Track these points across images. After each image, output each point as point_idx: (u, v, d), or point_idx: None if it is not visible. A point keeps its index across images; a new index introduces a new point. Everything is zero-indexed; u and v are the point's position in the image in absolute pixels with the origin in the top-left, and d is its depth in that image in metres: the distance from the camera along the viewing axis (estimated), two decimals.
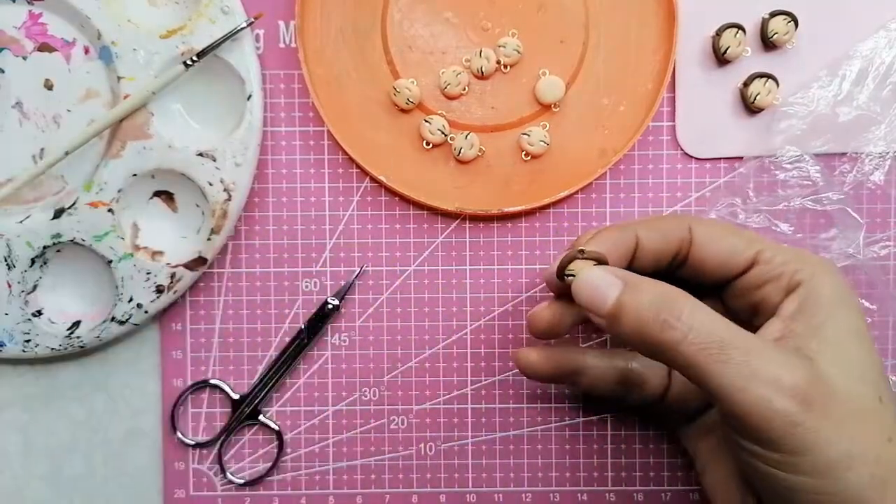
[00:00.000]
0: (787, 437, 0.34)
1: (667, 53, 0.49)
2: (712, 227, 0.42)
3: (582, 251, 0.40)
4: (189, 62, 0.47)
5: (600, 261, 0.40)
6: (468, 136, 0.49)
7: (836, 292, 0.39)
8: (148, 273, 0.49)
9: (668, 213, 0.51)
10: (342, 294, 0.51)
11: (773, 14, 0.49)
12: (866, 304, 0.50)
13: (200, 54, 0.47)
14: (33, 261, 0.49)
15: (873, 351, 0.38)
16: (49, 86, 0.50)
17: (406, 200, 0.51)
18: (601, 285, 0.38)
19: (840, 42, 0.50)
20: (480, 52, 0.49)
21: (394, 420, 0.52)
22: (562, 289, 0.42)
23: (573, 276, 0.40)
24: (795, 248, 0.41)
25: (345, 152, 0.50)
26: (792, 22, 0.49)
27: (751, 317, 0.42)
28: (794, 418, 0.34)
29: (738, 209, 0.50)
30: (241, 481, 0.51)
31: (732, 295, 0.42)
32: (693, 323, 0.36)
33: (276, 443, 0.51)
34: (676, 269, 0.43)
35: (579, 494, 0.51)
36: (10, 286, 0.49)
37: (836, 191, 0.49)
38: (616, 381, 0.46)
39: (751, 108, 0.49)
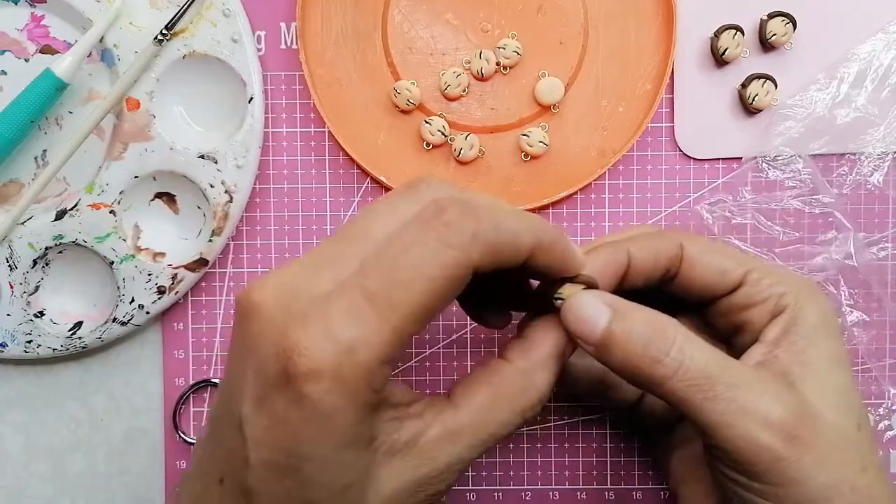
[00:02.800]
0: (772, 471, 0.35)
1: (665, 54, 0.49)
2: (703, 246, 0.41)
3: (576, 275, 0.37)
4: (159, 37, 0.47)
5: (590, 285, 0.38)
6: (468, 137, 0.49)
7: (819, 319, 0.39)
8: (149, 274, 0.49)
9: (661, 227, 0.50)
10: None
11: (772, 15, 0.49)
12: (861, 314, 0.50)
13: (169, 26, 0.47)
14: (35, 262, 0.50)
15: (852, 377, 0.39)
16: None
17: None
18: (590, 312, 0.36)
19: (838, 43, 0.50)
20: (480, 53, 0.49)
21: None
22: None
23: (562, 299, 0.37)
24: (784, 271, 0.41)
25: (345, 153, 0.50)
26: (790, 23, 0.49)
27: (732, 335, 0.41)
28: (779, 453, 0.35)
29: (729, 206, 0.50)
30: None
31: (716, 313, 0.42)
32: (683, 358, 0.35)
33: None
34: (664, 286, 0.42)
35: (579, 493, 0.52)
36: (12, 287, 0.50)
37: (827, 194, 0.50)
38: (595, 381, 0.45)
39: (749, 108, 0.50)
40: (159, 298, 0.50)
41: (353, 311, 0.31)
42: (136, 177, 0.49)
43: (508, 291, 0.40)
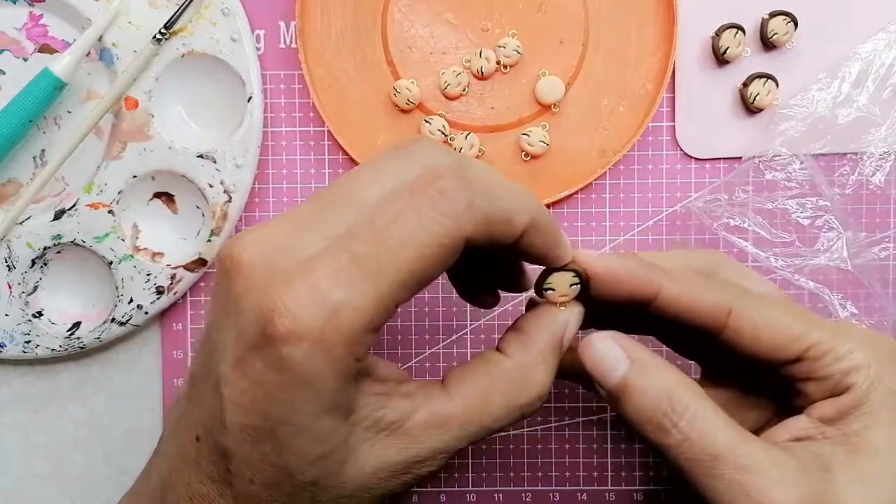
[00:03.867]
0: None
1: (666, 54, 0.49)
2: (756, 312, 0.36)
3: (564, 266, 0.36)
4: (158, 36, 0.47)
5: (581, 277, 0.36)
6: (468, 137, 0.49)
7: (887, 396, 0.35)
8: (148, 274, 0.49)
9: (718, 258, 0.43)
10: None
11: (773, 14, 0.49)
12: (858, 315, 0.50)
13: (168, 25, 0.47)
14: (34, 262, 0.49)
15: None
16: None
17: None
18: (608, 358, 0.35)
19: (839, 42, 0.50)
20: (480, 52, 0.49)
21: None
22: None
23: (552, 289, 0.36)
24: (859, 334, 0.36)
25: (345, 153, 0.50)
26: (791, 22, 0.49)
27: (779, 389, 0.38)
28: None
29: (724, 205, 0.50)
30: None
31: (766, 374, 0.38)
32: (690, 433, 0.34)
33: None
34: (703, 336, 0.37)
35: (579, 494, 0.52)
36: (10, 287, 0.49)
37: (825, 196, 0.49)
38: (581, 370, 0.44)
39: (750, 108, 0.50)
40: (158, 298, 0.50)
41: (340, 273, 0.30)
42: (134, 176, 0.49)
43: (500, 271, 0.39)
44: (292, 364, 0.29)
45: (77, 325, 0.51)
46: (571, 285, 0.36)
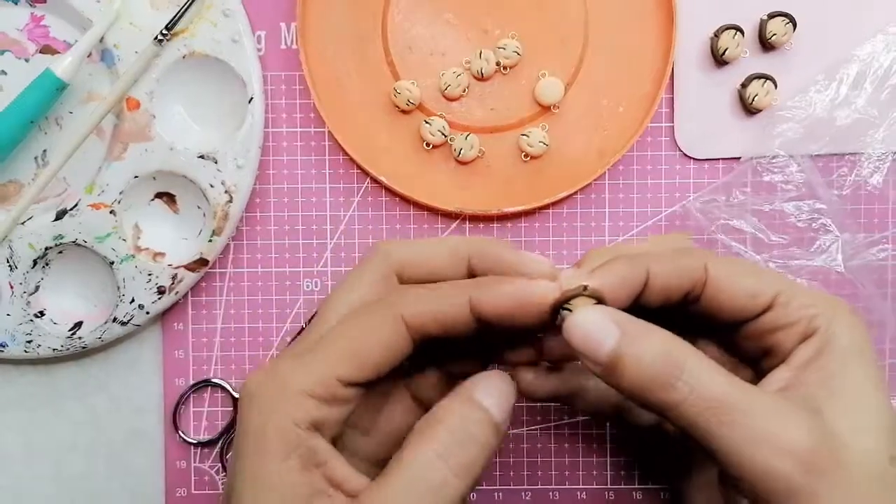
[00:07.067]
0: (789, 502, 0.33)
1: (665, 54, 0.49)
2: (730, 268, 0.38)
3: (585, 287, 0.36)
4: (159, 37, 0.48)
5: (600, 301, 0.36)
6: (468, 137, 0.49)
7: (852, 342, 0.36)
8: (149, 274, 0.49)
9: (688, 239, 0.46)
10: None
11: (772, 15, 0.49)
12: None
13: (169, 27, 0.48)
14: (35, 262, 0.50)
15: (888, 405, 0.36)
16: None
17: (406, 201, 0.51)
18: (596, 331, 0.35)
19: (838, 43, 0.50)
20: (480, 53, 0.49)
21: None
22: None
23: (570, 311, 0.35)
24: (816, 292, 0.38)
25: (345, 153, 0.50)
26: (790, 23, 0.49)
27: (760, 358, 0.39)
28: (797, 483, 0.33)
29: (721, 206, 0.50)
30: None
31: (744, 336, 0.39)
32: (695, 383, 0.34)
33: None
34: (688, 306, 0.39)
35: (579, 493, 0.52)
36: (12, 287, 0.50)
37: (823, 198, 0.50)
38: (611, 404, 0.44)
39: (749, 108, 0.50)
40: (159, 298, 0.50)
41: (296, 355, 0.35)
42: (136, 177, 0.49)
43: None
44: (243, 418, 0.35)
45: (78, 324, 0.51)
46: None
